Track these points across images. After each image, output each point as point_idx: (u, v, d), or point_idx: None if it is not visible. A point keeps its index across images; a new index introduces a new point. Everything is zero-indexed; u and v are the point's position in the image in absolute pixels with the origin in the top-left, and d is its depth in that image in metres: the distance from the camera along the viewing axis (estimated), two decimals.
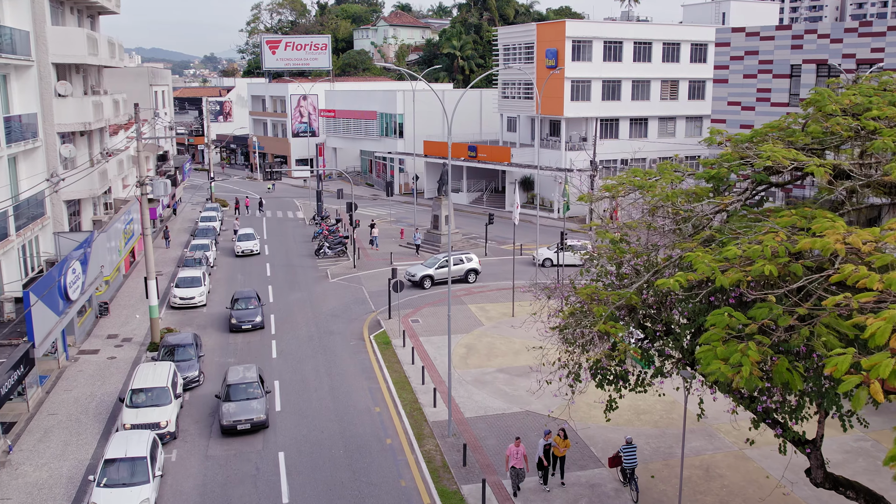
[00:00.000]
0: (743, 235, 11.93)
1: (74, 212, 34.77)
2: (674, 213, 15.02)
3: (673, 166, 15.97)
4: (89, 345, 32.71)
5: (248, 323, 34.00)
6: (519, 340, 32.67)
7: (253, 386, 25.42)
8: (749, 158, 14.31)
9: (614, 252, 15.94)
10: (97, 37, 33.57)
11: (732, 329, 10.03)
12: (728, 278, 10.15)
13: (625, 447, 20.92)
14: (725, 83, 50.23)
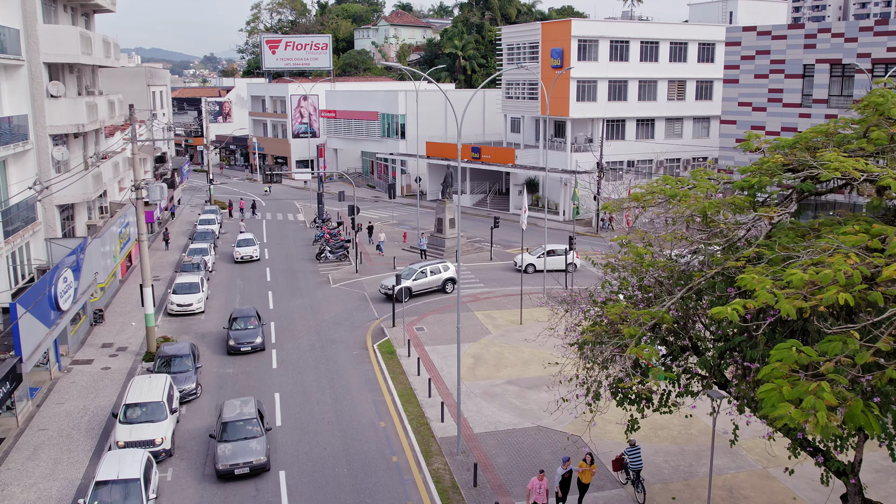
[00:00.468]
0: (794, 253, 10.81)
1: (68, 216, 33.65)
2: (710, 225, 13.86)
3: (707, 173, 14.82)
4: (83, 354, 31.59)
5: (248, 345, 31.46)
6: (528, 350, 31.56)
7: (251, 423, 22.54)
8: (805, 167, 13.08)
9: (639, 265, 14.81)
10: (91, 35, 32.44)
11: (801, 365, 8.88)
12: (794, 306, 9.00)
13: (629, 449, 20.58)
14: (736, 83, 49.13)
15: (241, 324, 32.59)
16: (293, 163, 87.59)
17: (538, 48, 61.24)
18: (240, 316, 33.12)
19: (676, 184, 14.93)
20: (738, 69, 48.93)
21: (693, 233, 14.16)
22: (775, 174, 13.67)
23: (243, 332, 31.86)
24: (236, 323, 32.69)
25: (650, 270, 15.89)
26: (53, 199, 29.67)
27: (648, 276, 15.94)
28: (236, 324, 32.63)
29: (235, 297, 40.33)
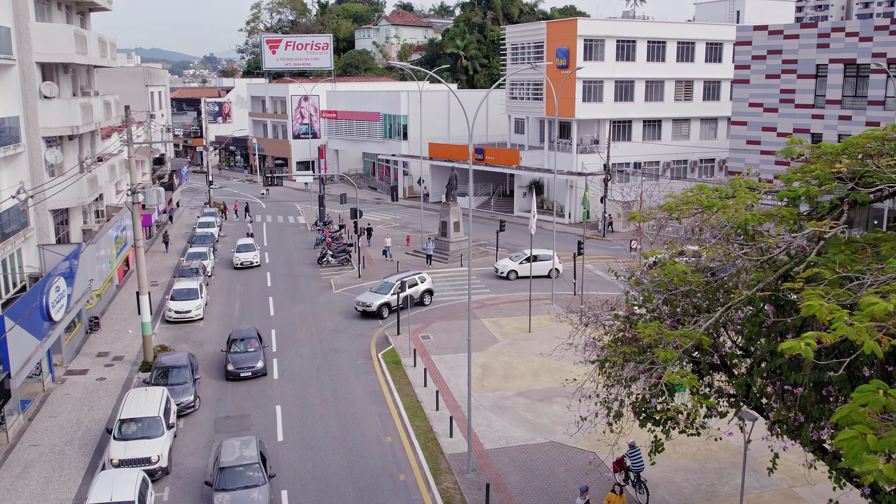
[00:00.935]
0: (853, 273, 9.79)
1: (63, 221, 32.57)
2: (753, 240, 12.80)
3: (747, 182, 13.75)
4: (78, 364, 30.54)
5: (248, 370, 28.69)
6: (538, 360, 30.52)
7: (252, 468, 20.13)
8: (860, 175, 12.00)
9: (669, 279, 13.77)
10: (86, 34, 31.39)
11: (891, 412, 7.83)
12: (878, 343, 7.93)
13: (630, 451, 20.52)
14: (746, 84, 48.09)
15: (241, 346, 29.79)
16: (293, 164, 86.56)
17: (543, 48, 60.18)
18: (239, 337, 30.22)
19: (713, 193, 13.86)
20: (748, 69, 47.88)
21: (734, 248, 13.08)
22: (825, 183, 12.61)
23: (243, 356, 29.11)
24: (235, 345, 29.81)
25: (680, 286, 14.86)
26: (47, 203, 28.61)
27: (677, 291, 14.90)
28: (235, 346, 29.79)
29: (235, 302, 39.30)
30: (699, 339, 11.99)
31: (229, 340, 30.24)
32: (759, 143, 47.71)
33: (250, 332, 30.86)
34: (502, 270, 42.73)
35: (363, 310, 35.99)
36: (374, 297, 36.44)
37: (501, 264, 43.06)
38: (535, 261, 41.56)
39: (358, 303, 36.49)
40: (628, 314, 16.88)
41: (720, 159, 65.07)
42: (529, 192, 63.48)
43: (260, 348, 29.75)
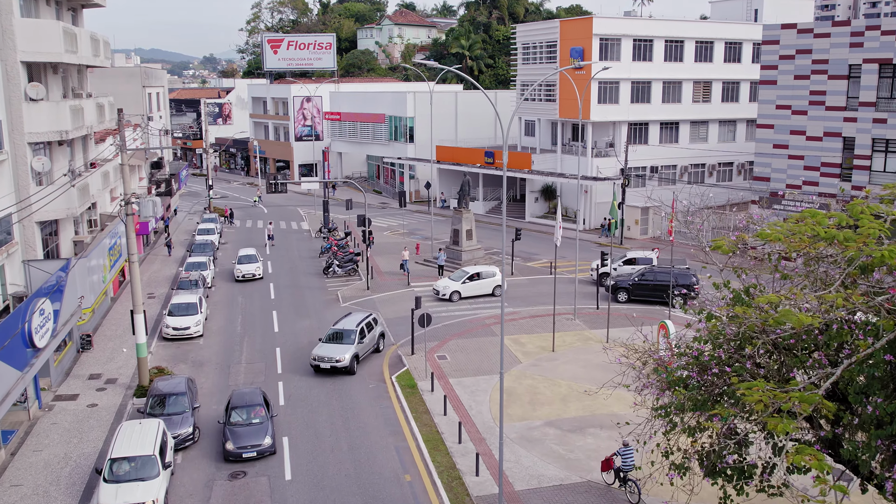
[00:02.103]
0: None
1: (52, 232, 30.29)
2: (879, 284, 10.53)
3: (872, 208, 11.42)
4: (67, 388, 28.24)
5: (252, 449, 22.60)
6: (565, 383, 28.24)
7: None
8: None
9: (767, 322, 11.49)
10: (77, 31, 29.11)
11: None
12: None
13: (623, 449, 20.42)
14: (774, 84, 45.83)
15: (243, 415, 23.55)
16: (296, 167, 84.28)
17: (556, 47, 57.94)
18: (240, 404, 24.01)
19: (827, 221, 11.57)
20: (776, 69, 45.62)
21: (857, 287, 10.79)
22: None
23: (245, 431, 23.07)
24: (236, 414, 23.56)
25: (761, 330, 12.59)
26: (34, 215, 26.31)
27: (764, 338, 12.62)
28: (236, 415, 23.52)
29: (237, 317, 37.00)
30: (824, 404, 9.71)
31: (228, 408, 24.05)
32: (787, 147, 45.45)
33: (254, 395, 24.67)
34: (444, 292, 38.57)
35: (317, 365, 29.23)
36: (338, 350, 29.36)
37: (442, 285, 39.04)
38: (477, 278, 38.76)
39: (318, 358, 29.20)
40: (697, 354, 14.62)
41: (738, 163, 62.82)
42: (542, 197, 61.28)
43: (267, 418, 23.61)
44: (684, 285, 37.34)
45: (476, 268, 39.69)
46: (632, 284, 38.61)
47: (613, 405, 26.38)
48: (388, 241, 52.51)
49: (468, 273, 39.18)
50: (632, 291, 38.49)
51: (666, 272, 37.93)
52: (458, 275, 39.61)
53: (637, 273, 39.13)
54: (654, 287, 37.99)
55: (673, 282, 35.92)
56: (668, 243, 51.46)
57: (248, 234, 57.61)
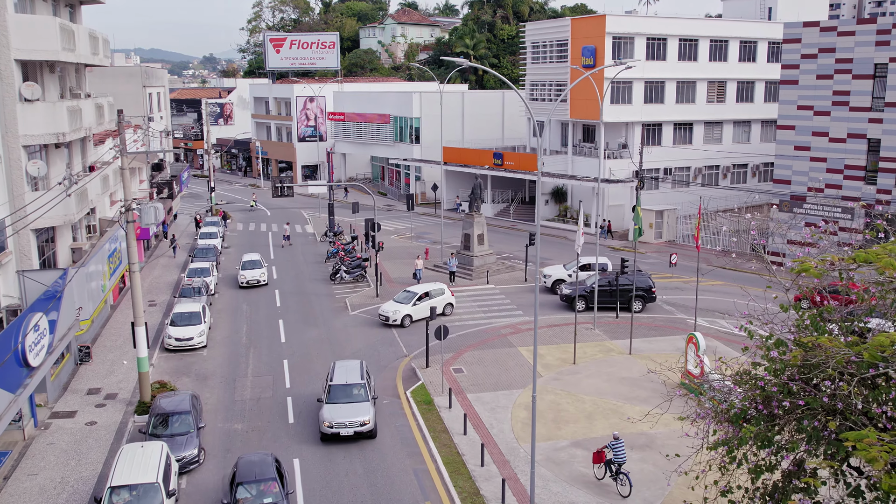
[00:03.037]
0: None
1: (48, 239, 28.85)
2: None
3: None
4: (65, 404, 26.78)
5: None
6: (589, 399, 26.79)
7: None
8: None
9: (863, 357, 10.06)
10: (74, 28, 27.65)
11: None
12: None
13: (613, 442, 20.75)
14: (795, 84, 44.38)
15: (252, 491, 18.97)
16: (298, 168, 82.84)
17: (567, 46, 56.52)
18: (249, 478, 19.24)
19: None
20: (797, 69, 44.18)
21: None
22: None
23: None
24: (243, 490, 18.99)
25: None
26: (28, 221, 24.83)
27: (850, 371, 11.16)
28: (243, 491, 18.96)
29: (242, 326, 35.54)
30: None
31: (233, 482, 19.36)
32: (809, 149, 44.02)
33: (265, 465, 19.78)
34: (394, 317, 34.52)
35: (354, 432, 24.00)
36: (346, 411, 24.13)
37: (392, 309, 34.68)
38: (427, 298, 35.33)
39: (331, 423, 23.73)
40: (763, 385, 13.17)
41: (753, 164, 61.42)
42: (552, 200, 59.85)
43: (282, 496, 19.02)
44: (643, 289, 36.52)
45: (424, 286, 36.02)
46: (589, 292, 36.19)
47: (643, 424, 24.94)
48: (396, 246, 51.03)
49: (416, 294, 35.26)
50: (590, 299, 35.95)
51: (625, 277, 36.42)
52: (404, 296, 35.41)
53: (595, 279, 36.41)
54: (613, 293, 36.22)
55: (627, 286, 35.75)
56: (689, 249, 50.02)
57: (250, 237, 56.17)
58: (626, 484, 20.38)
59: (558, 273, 40.86)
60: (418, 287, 36.30)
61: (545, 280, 40.58)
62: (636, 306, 36.06)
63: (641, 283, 36.50)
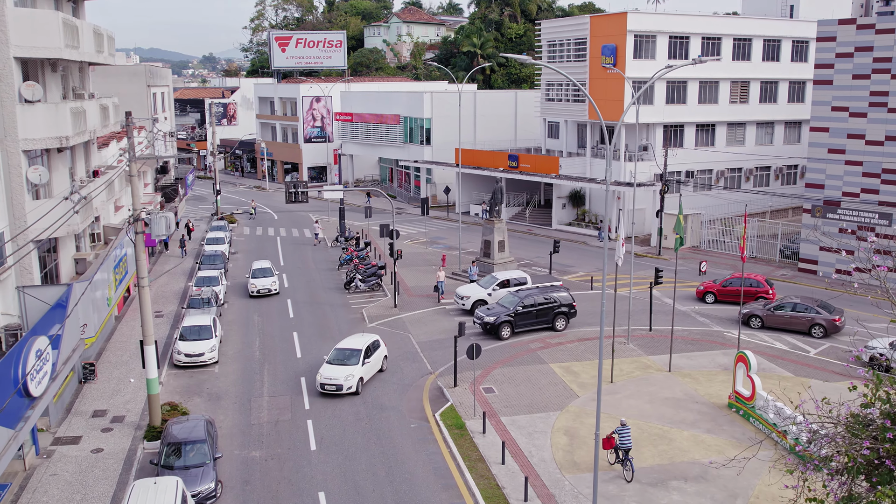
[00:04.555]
0: None
1: (50, 249, 26.94)
2: None
3: None
4: (68, 428, 24.88)
5: None
6: (632, 422, 24.87)
7: None
8: None
9: None
10: (78, 24, 25.75)
11: None
12: None
13: (620, 428, 21.57)
14: (829, 85, 42.49)
15: None
16: (304, 169, 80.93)
17: (586, 44, 54.62)
18: None
19: None
20: (832, 68, 42.29)
21: None
22: None
23: None
24: None
25: None
26: (28, 233, 22.97)
27: None
28: None
29: (254, 339, 33.65)
30: None
31: None
32: (844, 152, 42.13)
33: None
34: (349, 385, 26.99)
35: None
36: None
37: (330, 374, 27.14)
38: (369, 355, 28.35)
39: None
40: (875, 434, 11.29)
41: (776, 167, 59.56)
42: (569, 203, 57.99)
43: None
44: (566, 305, 33.71)
45: (358, 339, 29.25)
46: (515, 314, 32.77)
47: (693, 450, 23.16)
48: (410, 251, 49.11)
49: (355, 348, 28.26)
50: (515, 323, 32.78)
51: (548, 291, 33.99)
52: (344, 354, 28.12)
53: (515, 301, 33.15)
54: (539, 313, 33.26)
55: (548, 303, 33.46)
56: (714, 255, 48.11)
57: (258, 242, 54.27)
58: (630, 469, 21.17)
59: (475, 292, 36.59)
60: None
61: (463, 302, 36.39)
62: (559, 324, 33.63)
63: (563, 300, 33.82)
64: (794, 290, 41.08)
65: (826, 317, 33.18)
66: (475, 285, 37.41)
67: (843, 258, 40.93)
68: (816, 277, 43.36)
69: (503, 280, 36.93)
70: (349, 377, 27.13)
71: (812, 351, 31.70)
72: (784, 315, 33.89)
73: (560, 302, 33.64)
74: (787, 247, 48.14)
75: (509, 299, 33.71)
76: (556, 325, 33.48)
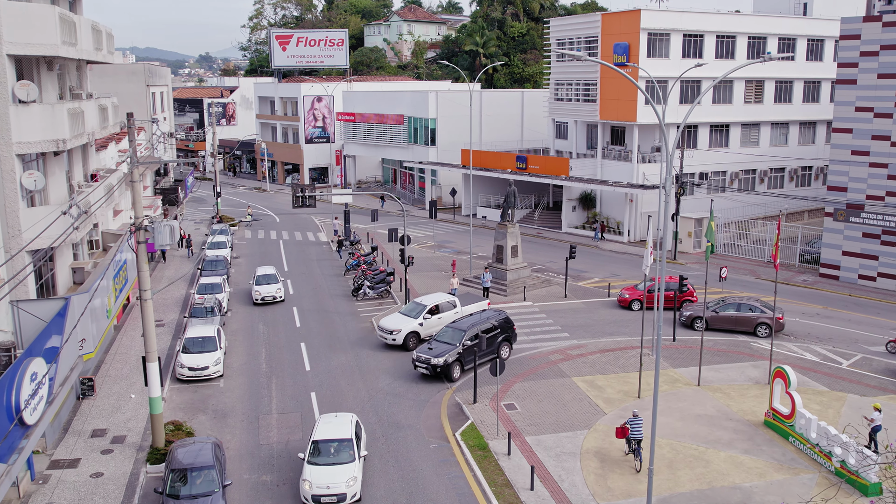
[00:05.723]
0: None
1: (46, 257, 25.41)
2: None
3: None
4: (66, 449, 23.38)
5: None
6: (664, 442, 23.46)
7: None
8: None
9: None
10: (76, 20, 24.24)
11: None
12: None
13: (632, 419, 21.90)
14: (853, 84, 41.14)
15: None
16: (305, 170, 79.43)
17: (597, 42, 53.20)
18: None
19: None
20: (856, 67, 40.93)
21: None
22: None
23: None
24: None
25: None
26: (22, 242, 21.46)
27: None
28: None
29: (260, 351, 32.15)
30: None
31: None
32: (868, 154, 40.79)
33: None
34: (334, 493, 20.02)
35: None
36: None
37: (325, 481, 20.03)
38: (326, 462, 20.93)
39: None
40: None
41: (791, 168, 58.23)
42: (580, 206, 56.59)
43: None
44: (509, 330, 30.14)
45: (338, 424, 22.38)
46: (464, 349, 28.31)
47: (732, 473, 21.76)
48: (419, 256, 47.50)
49: None
50: (464, 360, 28.45)
51: (491, 317, 29.74)
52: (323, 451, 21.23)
53: (461, 331, 28.75)
54: (488, 343, 29.26)
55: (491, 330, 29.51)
56: (731, 260, 46.67)
57: (260, 246, 52.75)
58: (639, 459, 21.63)
59: (404, 324, 31.60)
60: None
61: (393, 337, 31.39)
62: (504, 353, 29.93)
63: (503, 323, 30.04)
64: (819, 297, 39.73)
65: (771, 315, 32.41)
66: (400, 315, 32.30)
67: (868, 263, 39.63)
68: (839, 283, 42.00)
69: (432, 306, 32.31)
70: (351, 480, 20.05)
71: (844, 363, 30.33)
72: (729, 316, 33.08)
73: (502, 327, 29.86)
74: (806, 251, 46.80)
75: (450, 333, 28.78)
76: (500, 353, 29.47)
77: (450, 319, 32.48)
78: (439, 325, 32.02)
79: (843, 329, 34.50)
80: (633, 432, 21.84)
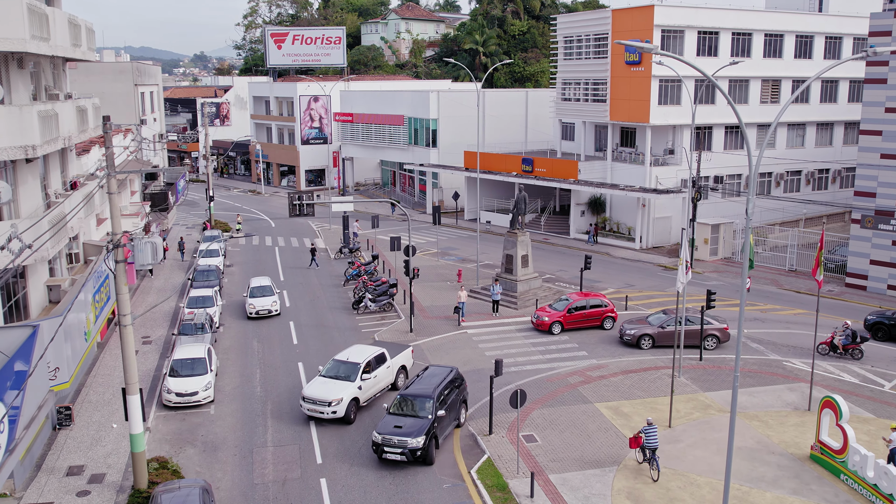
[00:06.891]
0: None
1: (17, 275, 22.99)
2: None
3: None
4: (37, 491, 20.93)
5: None
6: (703, 481, 21.15)
7: None
8: None
9: None
10: (48, 12, 21.80)
11: None
12: None
13: (646, 428, 21.15)
14: (883, 84, 38.94)
15: None
16: (302, 172, 76.97)
17: (607, 40, 50.93)
18: None
19: None
20: (886, 66, 38.73)
21: None
22: None
23: None
24: None
25: None
26: None
27: None
28: None
29: (255, 372, 29.75)
30: None
31: None
32: None
33: None
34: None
35: None
36: None
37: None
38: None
39: None
40: None
41: (807, 171, 56.05)
42: (588, 211, 54.31)
43: None
44: (463, 389, 24.75)
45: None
46: (437, 420, 22.60)
47: None
48: (421, 265, 44.92)
49: None
50: (439, 433, 22.81)
51: (442, 375, 24.22)
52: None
53: (431, 400, 22.86)
54: (450, 408, 23.64)
55: None
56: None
57: (255, 254, 50.30)
58: (656, 468, 20.89)
59: (340, 391, 24.84)
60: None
61: (330, 411, 24.58)
62: (462, 417, 24.70)
63: (458, 380, 24.76)
64: (848, 309, 37.45)
65: (718, 327, 31.02)
66: (329, 380, 25.45)
67: None
68: (867, 293, 39.79)
69: (365, 363, 25.95)
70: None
71: (886, 385, 28.07)
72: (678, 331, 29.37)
73: (458, 387, 24.64)
74: (829, 259, 44.58)
75: (415, 403, 22.96)
76: (460, 418, 24.65)
77: (385, 377, 26.85)
78: (376, 387, 26.32)
79: (880, 347, 32.28)
80: (647, 441, 21.15)
